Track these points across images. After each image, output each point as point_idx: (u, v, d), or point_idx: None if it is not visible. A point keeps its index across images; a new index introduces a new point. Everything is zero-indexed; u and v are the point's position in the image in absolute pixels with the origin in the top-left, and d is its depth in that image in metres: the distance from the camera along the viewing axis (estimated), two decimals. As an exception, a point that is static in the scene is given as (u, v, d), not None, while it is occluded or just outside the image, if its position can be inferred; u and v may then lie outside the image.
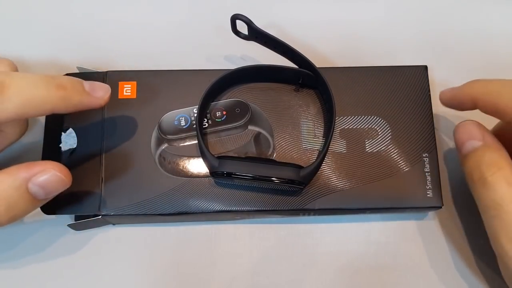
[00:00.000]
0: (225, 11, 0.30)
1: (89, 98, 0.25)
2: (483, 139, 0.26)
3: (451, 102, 0.28)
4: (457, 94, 0.28)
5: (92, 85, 0.25)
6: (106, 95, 0.26)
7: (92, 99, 0.25)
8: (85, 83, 0.25)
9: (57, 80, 0.24)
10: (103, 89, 0.26)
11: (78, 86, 0.25)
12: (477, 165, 0.25)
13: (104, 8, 0.36)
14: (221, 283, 0.29)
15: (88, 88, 0.25)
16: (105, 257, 0.30)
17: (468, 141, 0.26)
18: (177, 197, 0.28)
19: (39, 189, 0.23)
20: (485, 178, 0.24)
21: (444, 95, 0.29)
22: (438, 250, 0.30)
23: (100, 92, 0.25)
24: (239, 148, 0.29)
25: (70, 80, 0.24)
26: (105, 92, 0.26)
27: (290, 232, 0.30)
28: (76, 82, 0.25)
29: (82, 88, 0.25)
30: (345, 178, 0.28)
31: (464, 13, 0.36)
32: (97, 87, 0.25)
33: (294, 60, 0.30)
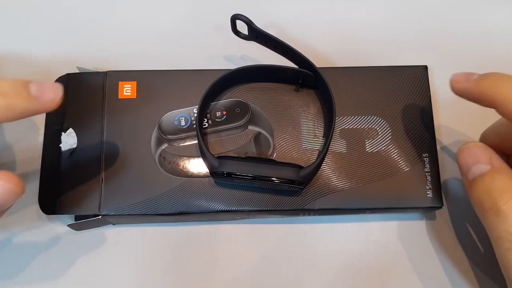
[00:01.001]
0: (225, 11, 0.30)
1: (37, 102, 0.22)
2: (491, 163, 0.24)
3: (463, 95, 0.26)
4: (472, 90, 0.25)
5: (40, 87, 0.22)
6: (58, 97, 0.23)
7: (40, 104, 0.22)
8: (32, 86, 0.22)
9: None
10: (53, 90, 0.23)
11: (22, 92, 0.22)
12: (488, 192, 0.23)
13: (104, 8, 0.36)
14: (221, 283, 0.29)
15: (35, 91, 0.22)
16: (105, 257, 0.30)
17: (475, 166, 0.24)
18: (177, 197, 0.28)
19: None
20: (498, 207, 0.22)
21: (457, 85, 0.25)
22: (438, 250, 0.30)
23: (50, 95, 0.23)
24: (239, 148, 0.29)
25: (12, 85, 0.22)
26: (56, 94, 0.23)
27: (290, 232, 0.30)
28: (20, 86, 0.22)
29: (27, 93, 0.22)
30: (345, 178, 0.28)
31: (464, 13, 0.36)
32: (46, 88, 0.23)
33: (294, 60, 0.30)
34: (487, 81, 0.24)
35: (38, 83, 0.23)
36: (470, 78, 0.25)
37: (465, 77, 0.25)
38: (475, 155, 0.24)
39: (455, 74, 0.26)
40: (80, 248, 0.30)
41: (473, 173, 0.24)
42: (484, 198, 0.23)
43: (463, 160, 0.25)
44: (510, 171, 0.24)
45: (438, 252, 0.30)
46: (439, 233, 0.30)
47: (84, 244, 0.30)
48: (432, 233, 0.30)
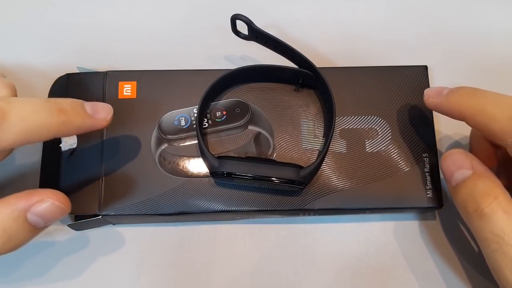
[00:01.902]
0: (225, 11, 0.30)
1: (91, 120, 0.24)
2: (473, 168, 0.24)
3: (436, 109, 0.27)
4: (443, 105, 0.26)
5: (94, 107, 0.25)
6: (109, 116, 0.25)
7: (94, 122, 0.25)
8: (87, 105, 0.25)
9: (58, 105, 0.23)
10: (105, 110, 0.25)
11: (79, 110, 0.24)
12: (471, 196, 0.24)
13: (104, 8, 0.36)
14: (221, 283, 0.29)
15: (90, 110, 0.25)
16: (105, 257, 0.30)
17: (457, 171, 0.25)
18: (177, 197, 0.28)
19: (38, 218, 0.23)
20: (481, 209, 0.23)
21: (429, 100, 0.27)
22: (438, 250, 0.30)
23: (102, 114, 0.25)
24: (239, 148, 0.29)
25: (71, 103, 0.24)
26: (107, 113, 0.25)
27: (290, 232, 0.30)
28: (77, 105, 0.24)
29: (84, 111, 0.24)
30: (345, 178, 0.28)
31: (464, 13, 0.36)
32: (99, 108, 0.25)
33: (294, 60, 0.30)
34: (455, 96, 0.26)
35: (92, 103, 0.25)
36: (441, 93, 0.26)
37: (436, 92, 0.27)
38: (457, 161, 0.25)
39: (427, 90, 0.28)
40: (80, 248, 0.30)
41: (456, 179, 0.25)
42: (467, 202, 0.24)
43: (446, 166, 0.25)
44: (491, 174, 0.24)
45: (438, 252, 0.30)
46: (439, 233, 0.30)
47: (84, 244, 0.30)
48: (432, 233, 0.30)
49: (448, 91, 0.26)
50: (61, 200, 0.23)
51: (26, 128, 0.22)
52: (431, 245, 0.30)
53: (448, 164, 0.25)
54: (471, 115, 0.25)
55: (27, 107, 0.22)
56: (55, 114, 0.23)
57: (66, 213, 0.24)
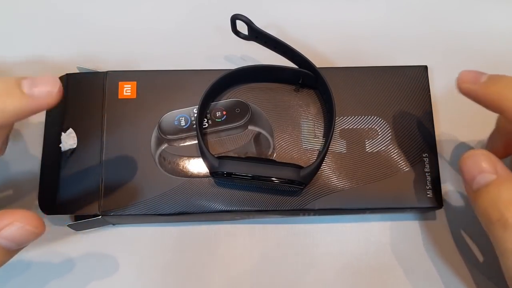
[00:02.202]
0: (225, 11, 0.30)
1: (31, 101, 0.20)
2: (496, 172, 0.23)
3: (469, 96, 0.25)
4: (479, 93, 0.24)
5: (33, 83, 0.20)
6: (54, 90, 0.21)
7: (34, 102, 0.20)
8: (24, 83, 0.20)
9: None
10: (48, 84, 0.20)
11: (12, 90, 0.20)
12: (494, 203, 0.22)
13: (104, 8, 0.36)
14: (221, 283, 0.29)
15: (28, 88, 0.20)
16: (105, 257, 0.30)
17: (480, 175, 0.23)
18: (177, 197, 0.28)
19: (9, 242, 0.21)
20: (505, 219, 0.21)
21: (464, 85, 0.25)
22: (438, 250, 0.30)
23: (44, 88, 0.20)
24: (239, 148, 0.29)
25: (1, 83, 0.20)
26: (52, 87, 0.20)
27: (290, 232, 0.30)
28: (10, 83, 0.20)
29: (19, 91, 0.20)
30: (345, 178, 0.28)
31: (464, 13, 0.36)
32: (39, 83, 0.20)
33: (294, 60, 0.30)
34: (495, 87, 0.24)
35: (30, 79, 0.21)
36: (478, 80, 0.24)
37: (473, 78, 0.25)
38: (480, 163, 0.23)
39: (462, 73, 0.25)
40: (80, 248, 0.30)
41: (478, 183, 0.23)
42: (490, 209, 0.22)
43: (467, 168, 0.23)
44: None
45: (438, 252, 0.30)
46: (439, 233, 0.30)
47: (84, 244, 0.30)
48: (432, 233, 0.30)
49: (487, 78, 0.24)
50: (32, 222, 0.21)
51: None
52: (431, 245, 0.30)
53: (469, 166, 0.23)
54: (510, 108, 0.23)
55: None
56: None
57: (38, 235, 0.22)
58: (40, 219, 0.22)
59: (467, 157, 0.24)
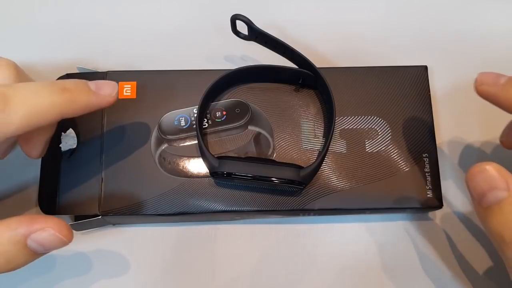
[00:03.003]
0: (225, 11, 0.30)
1: (97, 97, 0.24)
2: (509, 188, 0.21)
3: (488, 99, 0.24)
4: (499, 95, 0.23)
5: (97, 84, 0.25)
6: (114, 92, 0.25)
7: (99, 98, 0.24)
8: (90, 83, 0.24)
9: (61, 84, 0.23)
10: (110, 86, 0.25)
11: (82, 86, 0.24)
12: (507, 223, 0.21)
13: (104, 8, 0.36)
14: (221, 283, 0.29)
15: (94, 87, 0.24)
16: (105, 257, 0.30)
17: (490, 192, 0.21)
18: (177, 197, 0.28)
19: (38, 245, 0.22)
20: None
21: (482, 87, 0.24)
22: (438, 250, 0.30)
23: (107, 90, 0.25)
24: (239, 148, 0.29)
25: (73, 81, 0.24)
26: (112, 89, 0.25)
27: (290, 232, 0.30)
28: (80, 82, 0.24)
29: (88, 88, 0.24)
30: (345, 178, 0.28)
31: (464, 13, 0.36)
32: (103, 85, 0.25)
33: (294, 60, 0.30)
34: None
35: (96, 81, 0.25)
36: (498, 82, 0.24)
37: (492, 80, 0.24)
38: (490, 179, 0.21)
39: (481, 75, 0.24)
40: (80, 248, 0.30)
41: (489, 200, 0.21)
42: (503, 229, 0.21)
43: (476, 185, 0.22)
44: None
45: (438, 252, 0.30)
46: (439, 233, 0.30)
47: (84, 244, 0.30)
48: (432, 233, 0.30)
49: (507, 80, 0.23)
50: (63, 231, 0.23)
51: (30, 109, 0.22)
52: (431, 245, 0.30)
53: (478, 182, 0.22)
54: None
55: (29, 89, 0.22)
56: (59, 92, 0.23)
57: (66, 244, 0.23)
58: (70, 230, 0.23)
59: (476, 172, 0.22)
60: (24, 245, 0.22)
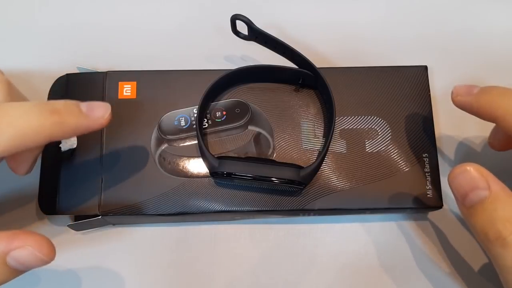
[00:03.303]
0: (225, 11, 0.30)
1: (87, 120, 0.23)
2: (490, 187, 0.22)
3: (464, 108, 0.26)
4: (473, 104, 0.25)
5: (89, 106, 0.24)
6: (106, 114, 0.24)
7: (90, 121, 0.23)
8: (82, 105, 0.24)
9: (50, 106, 0.22)
10: (102, 108, 0.24)
11: (73, 109, 0.23)
12: (490, 221, 0.22)
13: (104, 8, 0.36)
14: (221, 283, 0.29)
15: (85, 109, 0.23)
16: (105, 257, 0.30)
17: (472, 192, 0.22)
18: (177, 197, 0.28)
19: (17, 264, 0.21)
20: (503, 238, 0.21)
21: (458, 98, 0.26)
22: (438, 250, 0.30)
23: (99, 112, 0.24)
24: (239, 148, 0.29)
25: (64, 103, 0.23)
26: (105, 112, 0.24)
27: (290, 232, 0.30)
28: (71, 104, 0.23)
29: (78, 110, 0.23)
30: (345, 178, 0.28)
31: (464, 13, 0.36)
32: (95, 106, 0.24)
33: (294, 60, 0.30)
34: (487, 96, 0.24)
35: (88, 103, 0.24)
36: (471, 92, 0.25)
37: (466, 90, 0.25)
38: (471, 179, 0.22)
39: (456, 87, 0.26)
40: (80, 249, 0.30)
41: (471, 200, 0.22)
42: (487, 227, 0.22)
43: (458, 185, 0.23)
44: (510, 194, 0.22)
45: (438, 252, 0.30)
46: (439, 233, 0.30)
47: (84, 244, 0.30)
48: (432, 233, 0.30)
49: (479, 90, 0.25)
50: (43, 250, 0.22)
51: (17, 131, 0.21)
52: (431, 245, 0.30)
53: (460, 182, 0.23)
54: (502, 116, 0.23)
55: (17, 110, 0.22)
56: (47, 115, 0.22)
57: (47, 263, 0.22)
58: (51, 247, 0.22)
59: (457, 173, 0.23)
60: (3, 262, 0.21)
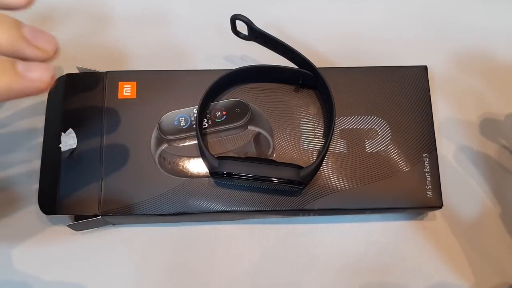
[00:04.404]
0: (225, 11, 0.30)
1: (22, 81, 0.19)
2: None
3: None
4: None
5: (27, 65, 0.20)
6: (45, 76, 0.20)
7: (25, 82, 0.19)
8: (18, 63, 0.20)
9: None
10: (41, 68, 0.20)
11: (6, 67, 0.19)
12: None
13: (104, 8, 0.35)
14: (221, 283, 0.29)
15: (22, 69, 0.19)
16: (105, 257, 0.30)
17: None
18: (177, 197, 0.28)
19: None
20: None
21: None
22: (438, 250, 0.30)
23: (36, 73, 0.20)
24: (239, 148, 0.29)
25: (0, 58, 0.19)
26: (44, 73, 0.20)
27: (290, 232, 0.30)
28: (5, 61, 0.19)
29: (13, 70, 0.19)
30: (345, 178, 0.28)
31: (464, 13, 0.36)
32: (34, 66, 0.20)
33: (294, 60, 0.30)
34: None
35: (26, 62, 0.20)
36: None
37: None
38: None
39: None
40: (80, 249, 0.30)
41: None
42: None
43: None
44: None
45: (438, 252, 0.30)
46: (439, 233, 0.30)
47: (84, 244, 0.30)
48: (432, 233, 0.30)
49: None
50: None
51: None
52: (431, 245, 0.30)
53: None
54: None
55: None
56: None
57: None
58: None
59: None
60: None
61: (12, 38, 0.19)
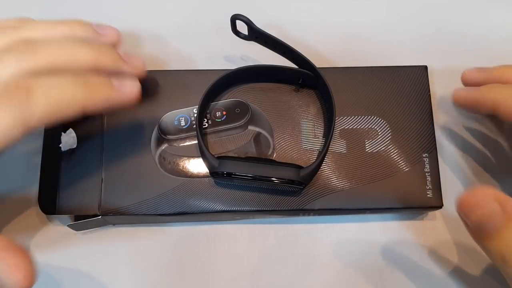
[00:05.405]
0: (225, 11, 0.30)
1: (118, 94, 0.24)
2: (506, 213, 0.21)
3: (466, 104, 0.28)
4: (474, 97, 0.27)
5: (120, 81, 0.25)
6: (135, 90, 0.25)
7: (120, 95, 0.24)
8: (113, 79, 0.25)
9: (83, 78, 0.23)
10: (130, 83, 0.25)
11: (104, 81, 0.24)
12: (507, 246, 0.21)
13: (104, 8, 0.36)
14: (221, 283, 0.29)
15: (116, 83, 0.24)
16: (105, 257, 0.30)
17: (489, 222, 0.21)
18: (177, 197, 0.28)
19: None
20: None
21: (459, 96, 0.29)
22: (438, 250, 0.30)
23: (127, 87, 0.25)
24: (239, 148, 0.29)
25: (98, 77, 0.24)
26: (133, 86, 0.25)
27: (290, 232, 0.30)
28: (102, 78, 0.24)
29: (109, 83, 0.24)
30: (345, 178, 0.28)
31: (464, 13, 0.36)
32: (125, 82, 0.25)
33: (294, 60, 0.30)
34: (487, 87, 0.27)
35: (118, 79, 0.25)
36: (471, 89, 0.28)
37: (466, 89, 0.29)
38: (485, 205, 0.21)
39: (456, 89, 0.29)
40: (80, 249, 0.30)
41: (487, 228, 0.21)
42: (504, 252, 0.21)
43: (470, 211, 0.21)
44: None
45: (438, 252, 0.30)
46: (439, 233, 0.30)
47: (84, 244, 0.30)
48: (432, 233, 0.30)
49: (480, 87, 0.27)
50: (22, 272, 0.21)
51: (52, 101, 0.22)
52: (431, 245, 0.30)
53: (472, 207, 0.21)
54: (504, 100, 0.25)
55: (52, 81, 0.22)
56: (80, 85, 0.23)
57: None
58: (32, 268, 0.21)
59: (469, 198, 0.21)
60: None
61: (115, 59, 0.25)
